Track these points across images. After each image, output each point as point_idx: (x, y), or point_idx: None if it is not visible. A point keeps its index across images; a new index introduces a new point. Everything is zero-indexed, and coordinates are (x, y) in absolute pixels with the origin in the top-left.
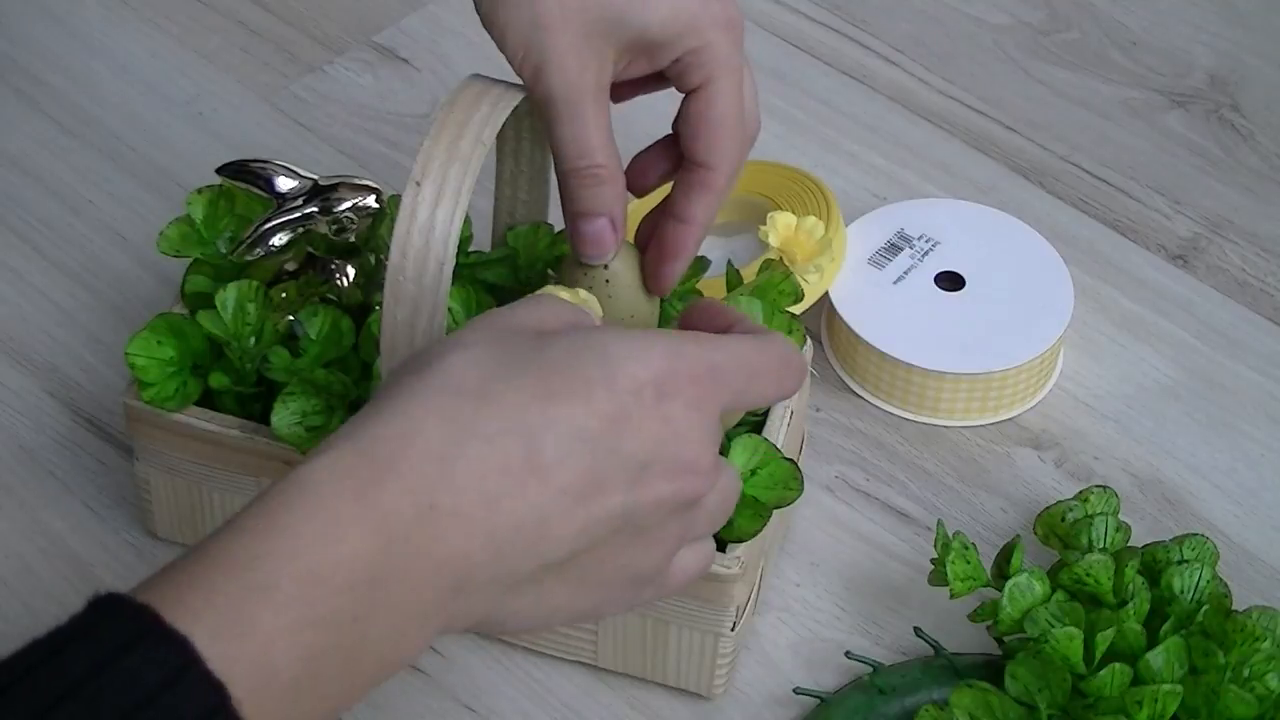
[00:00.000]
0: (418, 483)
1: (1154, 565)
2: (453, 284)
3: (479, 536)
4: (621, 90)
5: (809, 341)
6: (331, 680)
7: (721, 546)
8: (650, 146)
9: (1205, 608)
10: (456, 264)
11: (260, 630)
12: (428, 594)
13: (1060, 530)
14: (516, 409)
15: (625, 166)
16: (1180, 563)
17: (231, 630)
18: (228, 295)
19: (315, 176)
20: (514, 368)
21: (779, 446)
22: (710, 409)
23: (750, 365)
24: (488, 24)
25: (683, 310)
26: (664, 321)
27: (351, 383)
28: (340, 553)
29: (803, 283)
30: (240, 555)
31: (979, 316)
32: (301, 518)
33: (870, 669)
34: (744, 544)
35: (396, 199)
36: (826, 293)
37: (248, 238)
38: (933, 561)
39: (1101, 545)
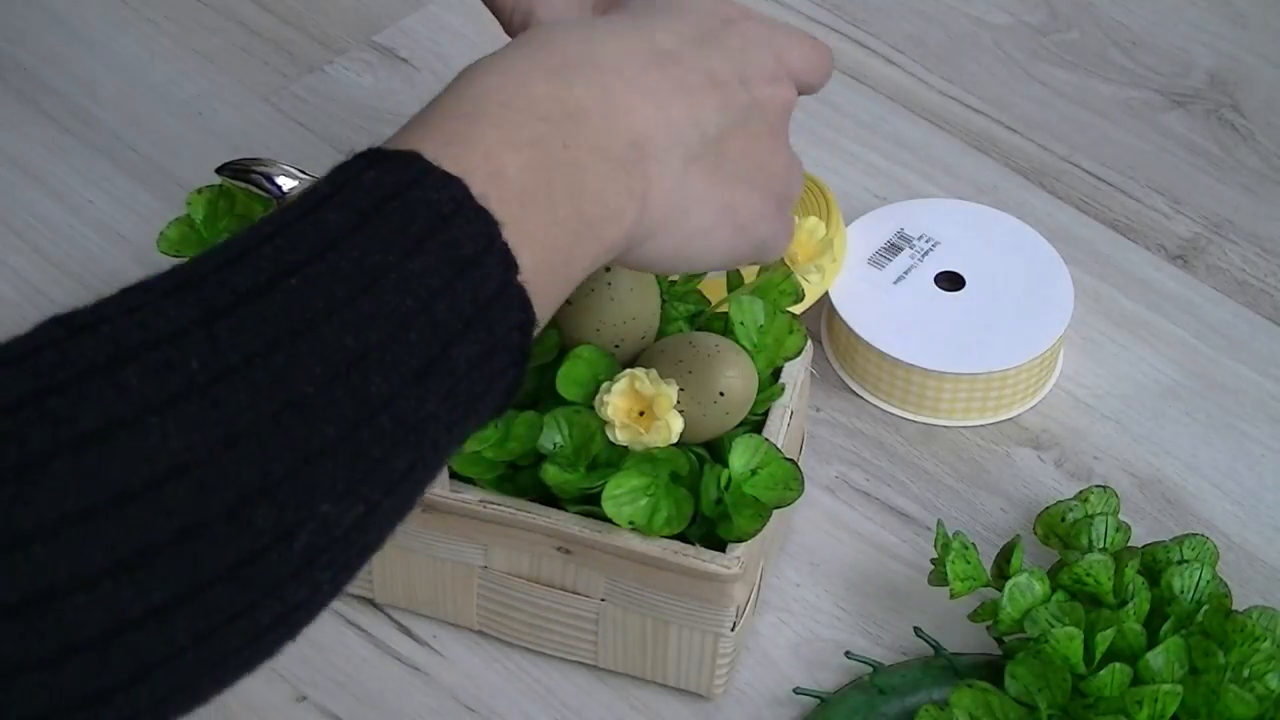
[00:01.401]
0: (574, 50)
1: (1154, 565)
2: None
3: (640, 93)
4: None
5: (809, 342)
6: (562, 202)
7: (721, 547)
8: None
9: (1205, 608)
10: None
11: (483, 143)
12: (618, 141)
13: (1060, 530)
14: (627, 20)
15: None
16: (1180, 563)
17: (459, 146)
18: None
19: (315, 176)
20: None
21: (779, 446)
22: (765, 40)
23: (779, 25)
24: None
25: None
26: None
27: None
28: (532, 91)
29: (803, 283)
30: (445, 103)
31: (979, 316)
32: (492, 72)
33: (870, 669)
34: (744, 544)
35: None
36: (827, 293)
37: None
38: (933, 561)
39: (1101, 545)
